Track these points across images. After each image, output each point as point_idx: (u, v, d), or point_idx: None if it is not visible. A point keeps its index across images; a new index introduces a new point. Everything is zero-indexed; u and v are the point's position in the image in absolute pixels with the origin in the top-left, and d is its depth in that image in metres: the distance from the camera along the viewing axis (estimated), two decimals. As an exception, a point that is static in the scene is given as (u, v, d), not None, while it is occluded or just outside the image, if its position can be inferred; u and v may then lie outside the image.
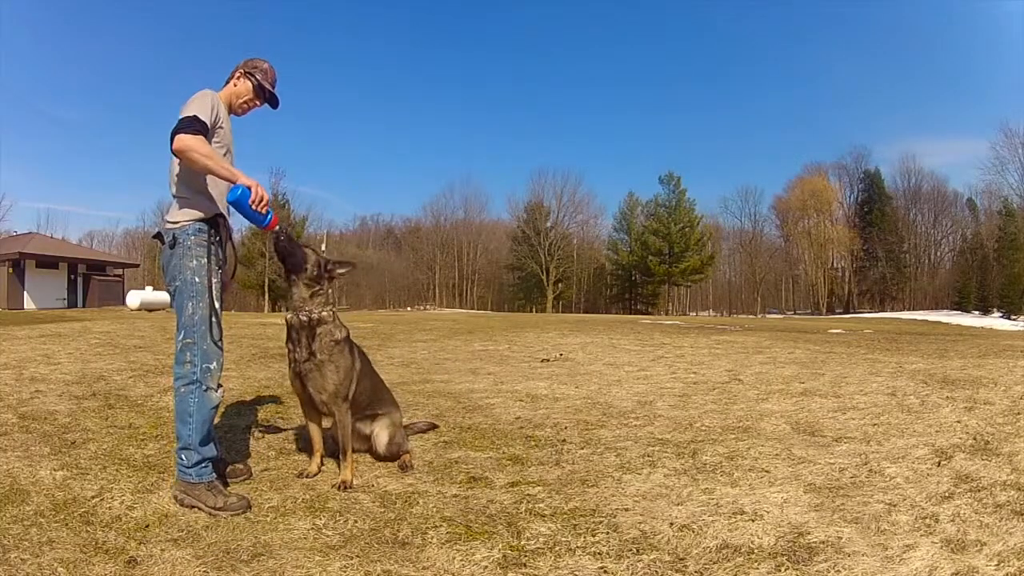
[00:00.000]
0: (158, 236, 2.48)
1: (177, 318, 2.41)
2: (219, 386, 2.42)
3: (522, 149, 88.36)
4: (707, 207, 66.82)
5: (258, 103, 2.66)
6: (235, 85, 2.59)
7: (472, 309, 52.04)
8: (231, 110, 2.58)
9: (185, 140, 2.23)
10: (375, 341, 8.53)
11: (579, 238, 60.33)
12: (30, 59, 71.68)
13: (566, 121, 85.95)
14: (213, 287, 2.40)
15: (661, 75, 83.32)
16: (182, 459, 2.33)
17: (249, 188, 2.30)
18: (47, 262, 27.93)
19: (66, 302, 27.83)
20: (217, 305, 2.41)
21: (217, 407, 2.44)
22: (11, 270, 26.55)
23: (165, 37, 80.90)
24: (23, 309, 24.22)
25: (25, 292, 26.55)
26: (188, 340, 2.35)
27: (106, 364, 5.36)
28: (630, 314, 44.45)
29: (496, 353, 7.34)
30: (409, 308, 53.57)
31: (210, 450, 2.39)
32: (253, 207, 2.32)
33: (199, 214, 2.41)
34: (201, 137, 2.28)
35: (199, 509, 2.27)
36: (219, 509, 2.24)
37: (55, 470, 2.62)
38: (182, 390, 2.34)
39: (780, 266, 60.01)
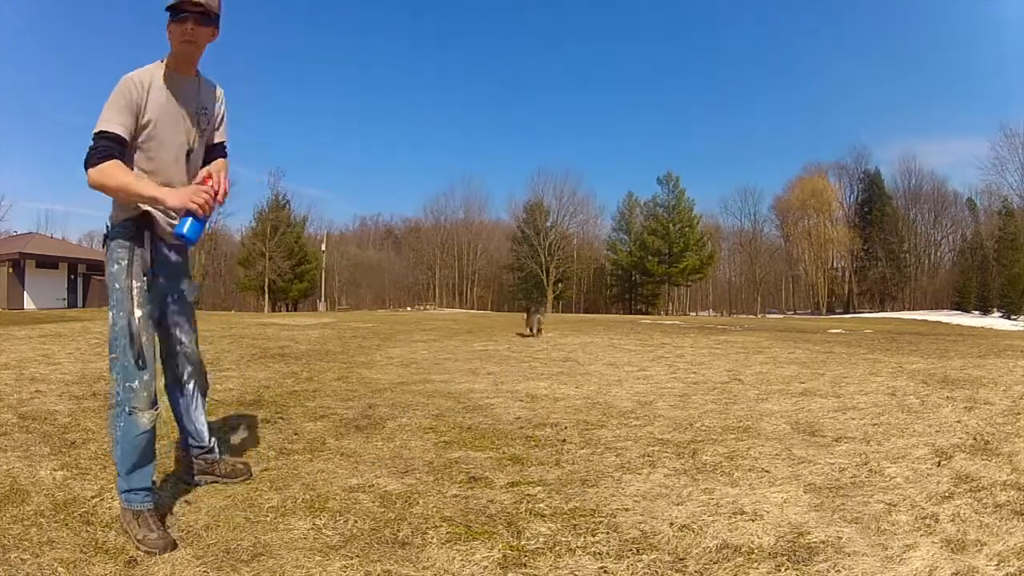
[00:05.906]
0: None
1: None
2: (154, 404, 2.08)
3: (522, 149, 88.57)
4: (707, 207, 67.22)
5: (188, 27, 2.08)
6: (169, 40, 2.13)
7: (472, 309, 52.04)
8: (176, 69, 2.14)
9: (92, 177, 1.95)
10: (375, 341, 8.53)
11: (579, 238, 60.34)
12: (31, 61, 71.81)
13: (566, 121, 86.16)
14: (135, 293, 2.06)
15: (661, 74, 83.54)
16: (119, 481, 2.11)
17: (191, 213, 2.00)
18: (47, 262, 27.96)
19: (66, 302, 27.85)
20: (139, 314, 2.05)
21: (152, 431, 2.08)
22: (11, 270, 26.57)
23: (165, 38, 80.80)
24: (23, 309, 24.22)
25: (25, 292, 26.57)
26: (112, 355, 2.07)
27: (106, 364, 5.34)
28: (630, 314, 44.44)
29: (496, 353, 7.33)
30: (409, 308, 53.55)
31: (139, 480, 2.07)
32: (207, 221, 2.08)
33: (127, 213, 2.12)
34: (110, 164, 1.95)
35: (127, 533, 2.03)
36: (138, 541, 1.97)
37: (55, 470, 2.62)
38: (111, 411, 2.09)
39: (780, 266, 60.02)
